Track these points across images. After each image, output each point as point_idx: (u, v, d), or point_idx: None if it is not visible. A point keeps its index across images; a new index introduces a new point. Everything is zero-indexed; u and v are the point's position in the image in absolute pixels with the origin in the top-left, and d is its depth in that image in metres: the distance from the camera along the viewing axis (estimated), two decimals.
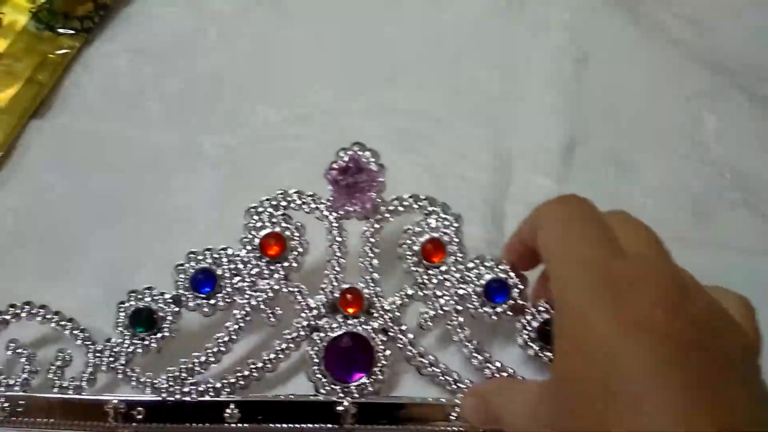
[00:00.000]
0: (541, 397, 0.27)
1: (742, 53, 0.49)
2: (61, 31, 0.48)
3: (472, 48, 0.49)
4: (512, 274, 0.33)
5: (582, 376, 0.23)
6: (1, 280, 0.37)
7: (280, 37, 0.50)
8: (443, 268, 0.34)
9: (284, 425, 0.33)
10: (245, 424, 0.33)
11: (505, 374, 0.33)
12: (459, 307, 0.34)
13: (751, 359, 0.24)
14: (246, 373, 0.33)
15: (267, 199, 0.33)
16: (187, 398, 0.33)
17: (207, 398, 0.33)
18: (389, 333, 0.33)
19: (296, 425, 0.33)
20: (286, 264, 0.33)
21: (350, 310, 0.33)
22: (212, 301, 0.33)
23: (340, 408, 0.33)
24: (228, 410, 0.33)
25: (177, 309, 0.33)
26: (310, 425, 0.33)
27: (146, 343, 0.32)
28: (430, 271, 0.34)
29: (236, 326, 0.33)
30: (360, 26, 0.50)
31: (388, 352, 0.33)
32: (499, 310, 0.33)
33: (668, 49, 0.49)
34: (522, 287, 0.33)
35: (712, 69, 0.48)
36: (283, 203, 0.33)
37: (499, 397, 0.31)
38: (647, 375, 0.21)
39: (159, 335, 0.33)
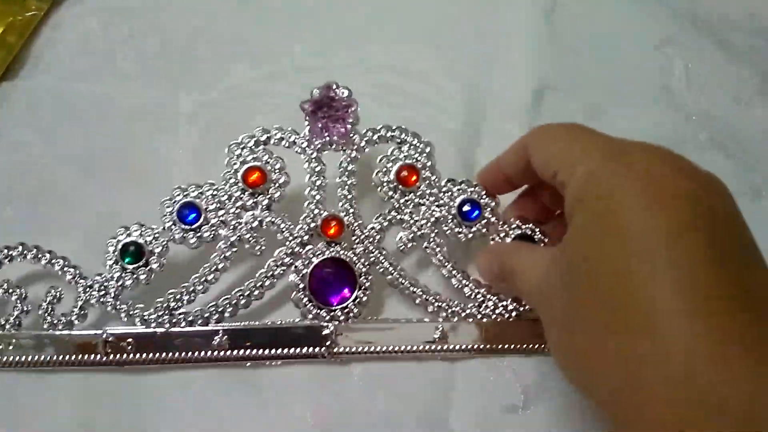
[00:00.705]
0: (554, 259, 0.28)
1: (712, 2, 0.50)
2: None
3: (446, 3, 0.50)
4: (484, 194, 0.35)
5: (599, 241, 0.25)
6: None
7: None
8: (418, 193, 0.35)
9: (272, 351, 0.34)
10: (234, 351, 0.33)
11: (483, 290, 0.35)
12: (435, 229, 0.35)
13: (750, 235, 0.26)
14: (233, 301, 0.34)
15: (247, 136, 0.35)
16: (176, 328, 0.33)
17: (196, 327, 0.34)
18: (370, 257, 0.35)
19: (284, 350, 0.34)
20: (268, 195, 0.34)
21: (332, 237, 0.35)
22: (198, 233, 0.34)
23: (326, 332, 0.34)
24: (216, 338, 0.34)
25: (164, 241, 0.34)
26: (298, 350, 0.34)
27: (135, 275, 0.33)
28: (405, 197, 0.35)
29: (222, 257, 0.34)
30: None
31: (370, 276, 0.35)
32: (473, 229, 0.35)
33: None
34: (494, 205, 0.35)
35: (683, 17, 0.49)
36: (263, 138, 0.35)
37: (514, 256, 0.32)
38: (665, 239, 0.23)
39: (147, 267, 0.34)
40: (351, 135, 0.35)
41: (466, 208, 0.35)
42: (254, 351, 0.34)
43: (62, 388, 0.33)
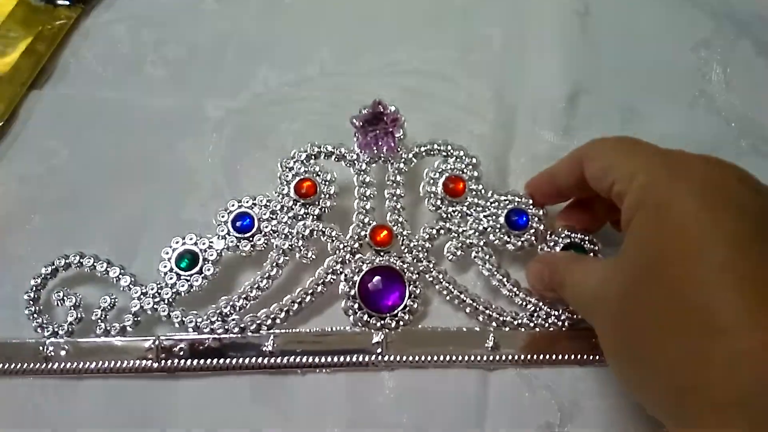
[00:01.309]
0: (612, 268, 0.28)
1: (750, 3, 0.50)
2: (58, 2, 0.49)
3: (476, 6, 0.50)
4: (531, 204, 0.35)
5: (662, 248, 0.25)
6: (18, 245, 0.38)
7: (279, 0, 0.51)
8: (465, 204, 0.36)
9: (322, 358, 0.34)
10: (284, 359, 0.34)
11: (532, 299, 0.35)
12: (483, 239, 0.35)
13: None
14: (285, 308, 0.34)
15: (298, 150, 0.36)
16: (228, 334, 0.34)
17: (248, 334, 0.34)
18: (419, 266, 0.35)
19: (334, 358, 0.34)
20: (319, 206, 0.35)
21: (381, 242, 0.35)
22: (251, 242, 0.35)
23: (376, 339, 0.34)
24: (268, 344, 0.34)
25: (219, 248, 0.34)
26: (348, 357, 0.34)
27: (189, 282, 0.34)
28: (453, 207, 0.36)
29: (274, 264, 0.35)
30: None
31: (420, 284, 0.35)
32: (522, 238, 0.35)
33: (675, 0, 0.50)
34: (541, 216, 0.35)
35: (720, 18, 0.49)
36: (314, 152, 0.36)
37: (566, 267, 0.32)
38: (731, 245, 0.23)
39: (201, 274, 0.34)
40: (398, 148, 0.36)
41: (514, 217, 0.35)
42: (304, 358, 0.34)
43: (98, 393, 0.34)
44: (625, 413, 0.33)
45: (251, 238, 0.34)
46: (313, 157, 0.36)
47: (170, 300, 0.34)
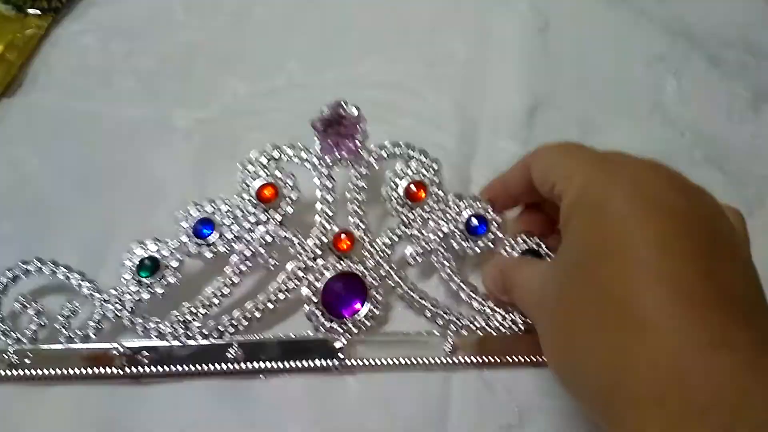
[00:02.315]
0: (550, 267, 0.29)
1: (704, 19, 0.51)
2: (29, 12, 0.49)
3: (442, 21, 0.51)
4: (490, 209, 0.36)
5: (593, 248, 0.26)
6: None
7: (250, 12, 0.52)
8: (426, 208, 0.36)
9: (285, 363, 0.34)
10: (248, 364, 0.34)
11: (489, 304, 0.36)
12: (443, 243, 0.36)
13: (746, 249, 0.27)
14: (247, 314, 0.35)
15: (258, 152, 0.36)
16: (192, 341, 0.34)
17: (211, 341, 0.34)
18: (381, 271, 0.36)
19: (297, 363, 0.34)
20: (281, 211, 0.35)
21: (343, 248, 0.35)
22: (213, 247, 0.35)
23: (338, 344, 0.35)
24: (231, 351, 0.34)
25: (179, 255, 0.34)
26: (310, 363, 0.34)
27: (151, 289, 0.34)
28: (414, 212, 0.36)
29: (236, 271, 0.35)
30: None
31: (381, 290, 0.35)
32: (480, 243, 0.36)
33: (630, 16, 0.52)
34: (500, 221, 0.36)
35: (676, 34, 0.51)
36: (275, 154, 0.36)
37: (516, 270, 0.33)
38: (655, 244, 0.24)
39: (163, 281, 0.34)
40: (360, 151, 0.36)
41: (473, 223, 0.36)
42: (268, 364, 0.34)
43: (65, 400, 0.34)
44: (583, 414, 0.33)
45: (212, 245, 0.34)
46: (273, 160, 0.35)
47: (132, 308, 0.34)
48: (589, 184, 0.27)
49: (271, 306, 0.35)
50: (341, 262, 0.35)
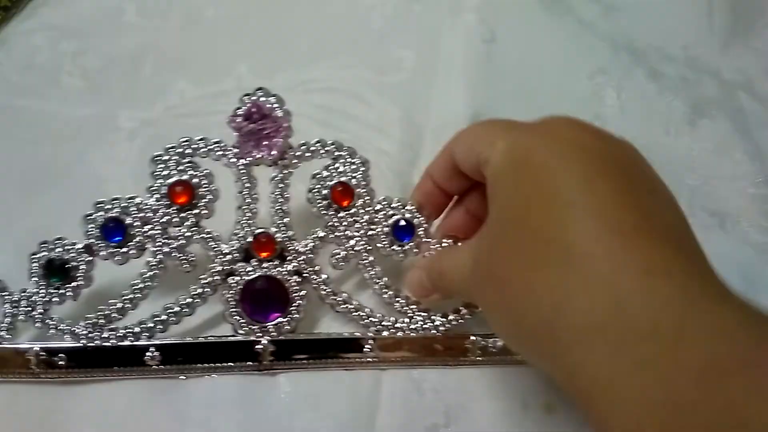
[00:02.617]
0: (481, 239, 0.29)
1: (645, 33, 0.52)
2: None
3: (391, 29, 0.52)
4: (417, 214, 0.36)
5: (522, 200, 0.26)
6: None
7: (201, 15, 0.52)
8: (352, 211, 0.35)
9: (205, 365, 0.34)
10: (166, 366, 0.33)
11: (414, 306, 0.35)
12: (369, 247, 0.35)
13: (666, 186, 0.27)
14: (164, 317, 0.34)
15: (171, 147, 0.33)
16: (107, 343, 0.33)
17: (127, 343, 0.33)
18: (303, 274, 0.35)
19: (217, 364, 0.34)
20: (196, 211, 0.34)
21: (264, 254, 0.35)
22: (123, 250, 0.33)
23: (258, 347, 0.34)
24: (149, 353, 0.33)
25: (89, 258, 0.33)
26: (231, 364, 0.34)
27: (61, 292, 0.33)
28: (340, 214, 0.35)
29: (151, 273, 0.34)
30: (280, 5, 0.53)
31: (302, 292, 0.35)
32: (406, 248, 0.35)
33: (575, 30, 0.53)
34: (426, 225, 0.36)
35: (619, 49, 0.51)
36: (189, 150, 0.34)
37: (439, 259, 0.33)
38: (579, 183, 0.25)
39: (74, 284, 0.33)
40: (283, 149, 0.34)
41: (400, 226, 0.35)
42: (186, 366, 0.34)
43: None
44: (509, 414, 0.34)
45: (122, 247, 0.33)
46: (188, 155, 0.33)
47: (44, 309, 0.33)
48: (511, 144, 0.28)
49: (187, 310, 0.34)
50: (263, 263, 0.35)
